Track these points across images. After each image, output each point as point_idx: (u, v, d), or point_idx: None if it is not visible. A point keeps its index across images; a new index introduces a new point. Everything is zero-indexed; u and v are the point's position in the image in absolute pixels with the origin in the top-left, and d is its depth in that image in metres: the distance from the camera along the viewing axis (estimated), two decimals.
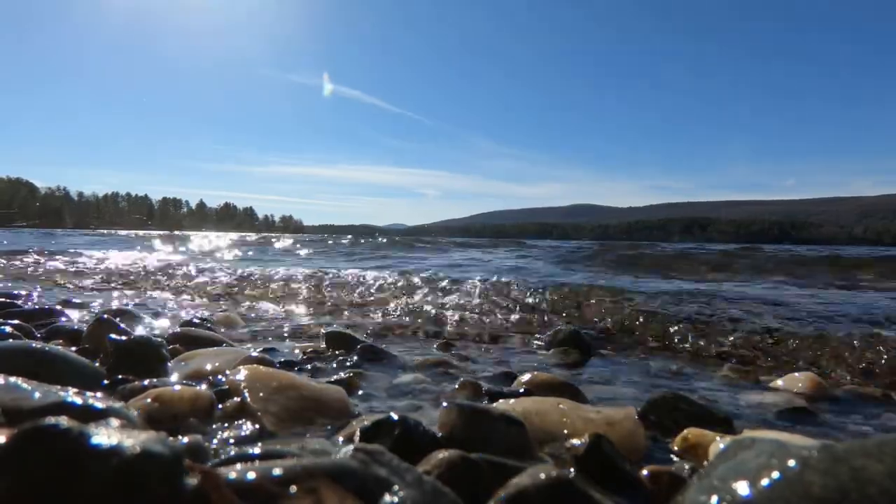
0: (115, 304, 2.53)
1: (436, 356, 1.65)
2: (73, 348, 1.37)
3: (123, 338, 1.30)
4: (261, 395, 1.00)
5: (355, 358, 1.52)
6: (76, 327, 1.70)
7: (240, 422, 0.90)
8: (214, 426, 0.88)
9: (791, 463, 0.50)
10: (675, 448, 0.92)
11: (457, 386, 1.23)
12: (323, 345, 1.72)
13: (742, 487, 0.50)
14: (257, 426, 0.89)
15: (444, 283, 3.25)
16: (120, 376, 1.11)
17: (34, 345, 1.19)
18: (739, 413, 1.18)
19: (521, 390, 1.20)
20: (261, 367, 1.16)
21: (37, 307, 2.16)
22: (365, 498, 0.54)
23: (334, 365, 1.46)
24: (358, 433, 0.79)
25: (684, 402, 1.11)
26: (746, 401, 1.29)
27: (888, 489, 0.45)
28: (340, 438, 0.84)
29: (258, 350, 1.51)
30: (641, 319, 2.22)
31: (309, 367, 1.43)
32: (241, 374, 1.07)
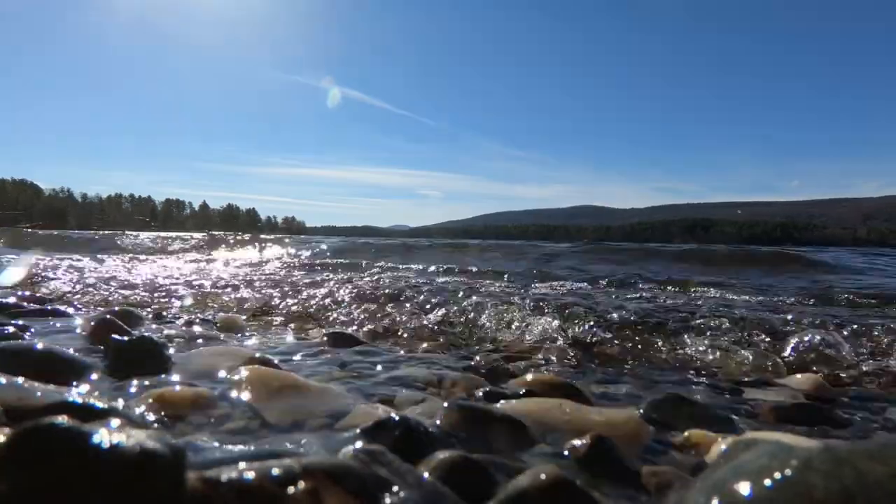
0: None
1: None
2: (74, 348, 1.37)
3: (125, 338, 1.30)
4: (262, 394, 1.00)
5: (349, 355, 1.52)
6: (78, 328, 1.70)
7: (241, 421, 0.90)
8: (215, 425, 0.88)
9: (793, 465, 0.49)
10: (678, 448, 0.92)
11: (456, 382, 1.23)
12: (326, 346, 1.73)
13: (743, 489, 0.49)
14: (258, 425, 0.89)
15: None
16: (121, 375, 1.11)
17: (38, 345, 1.19)
18: (741, 412, 1.18)
19: (522, 391, 1.20)
20: (262, 367, 1.17)
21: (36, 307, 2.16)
22: (365, 499, 0.54)
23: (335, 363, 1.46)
24: (359, 433, 0.79)
25: (686, 403, 1.11)
26: (748, 399, 1.29)
27: (893, 493, 0.45)
28: (342, 437, 0.84)
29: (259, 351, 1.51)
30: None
31: (308, 364, 1.43)
32: (243, 373, 1.07)
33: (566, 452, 0.81)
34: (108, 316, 1.73)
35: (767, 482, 0.48)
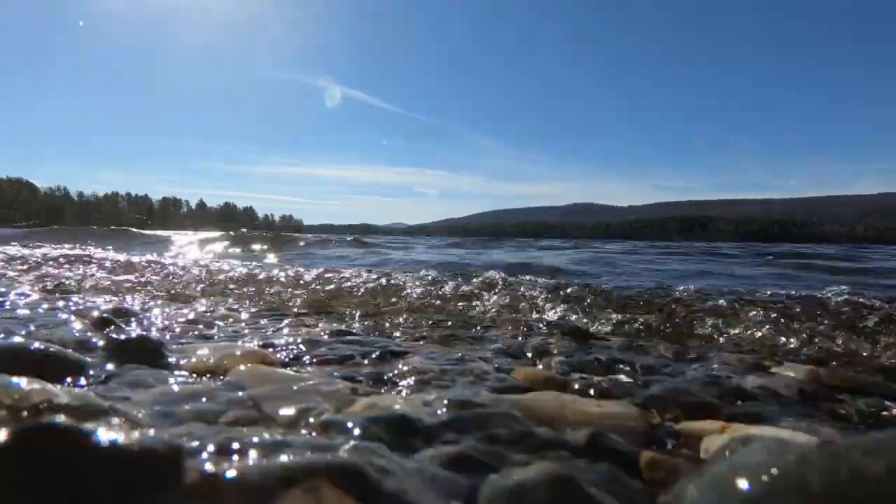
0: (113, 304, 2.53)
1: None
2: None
3: (122, 336, 1.30)
4: (260, 389, 1.00)
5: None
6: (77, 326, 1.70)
7: (240, 415, 0.90)
8: (214, 420, 0.88)
9: (790, 460, 0.50)
10: (676, 442, 0.92)
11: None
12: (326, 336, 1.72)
13: (741, 484, 0.50)
14: (257, 419, 0.89)
15: None
16: (120, 372, 1.11)
17: (35, 344, 1.19)
18: (739, 403, 1.18)
19: (518, 382, 1.20)
20: (261, 362, 1.17)
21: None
22: (366, 492, 0.54)
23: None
24: (358, 428, 0.79)
25: (684, 394, 1.11)
26: (746, 389, 1.29)
27: (890, 489, 0.45)
28: (341, 431, 0.84)
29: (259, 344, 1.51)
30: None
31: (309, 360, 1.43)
32: (241, 368, 1.07)
33: (563, 445, 0.81)
34: (106, 315, 1.73)
35: (765, 478, 0.49)
